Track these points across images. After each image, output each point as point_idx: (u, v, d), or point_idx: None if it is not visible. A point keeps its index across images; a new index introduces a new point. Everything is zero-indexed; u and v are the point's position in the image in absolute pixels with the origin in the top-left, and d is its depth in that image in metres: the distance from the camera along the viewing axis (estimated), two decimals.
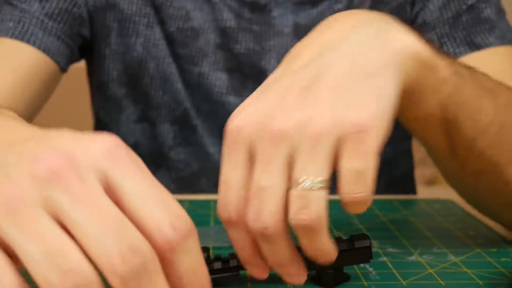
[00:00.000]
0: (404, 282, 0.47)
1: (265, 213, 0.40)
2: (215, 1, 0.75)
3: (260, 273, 0.44)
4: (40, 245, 0.29)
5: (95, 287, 0.29)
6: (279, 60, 0.74)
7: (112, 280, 0.29)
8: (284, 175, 0.40)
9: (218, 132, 0.77)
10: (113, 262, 0.29)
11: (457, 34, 0.74)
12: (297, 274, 0.43)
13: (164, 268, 0.31)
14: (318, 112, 0.40)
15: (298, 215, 0.39)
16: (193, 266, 0.32)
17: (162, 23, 0.75)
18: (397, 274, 0.48)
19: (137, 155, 0.34)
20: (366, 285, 0.46)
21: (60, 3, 0.73)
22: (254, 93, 0.43)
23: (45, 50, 0.71)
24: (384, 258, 0.52)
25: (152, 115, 0.78)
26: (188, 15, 0.75)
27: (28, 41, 0.70)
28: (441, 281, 0.47)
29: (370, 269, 0.49)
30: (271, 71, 0.74)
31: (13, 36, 0.70)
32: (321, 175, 0.39)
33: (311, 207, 0.39)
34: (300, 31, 0.75)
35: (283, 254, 0.42)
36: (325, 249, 0.42)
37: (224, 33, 0.75)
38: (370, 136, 0.40)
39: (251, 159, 0.41)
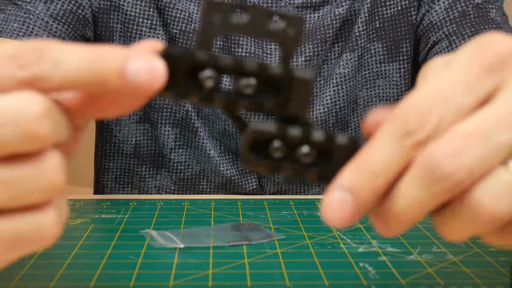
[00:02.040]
0: (403, 282, 0.47)
1: (470, 159, 0.27)
2: None
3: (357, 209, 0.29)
4: None
5: None
6: None
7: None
8: None
9: (219, 135, 0.78)
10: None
11: (466, 31, 0.75)
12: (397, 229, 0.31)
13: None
14: None
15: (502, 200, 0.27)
16: (70, 69, 0.27)
17: (165, 25, 0.76)
18: (396, 274, 0.48)
19: None
20: (365, 284, 0.46)
21: (65, 4, 0.73)
22: None
23: None
24: (384, 258, 0.52)
25: (153, 117, 0.78)
26: (191, 18, 0.75)
27: None
28: (440, 281, 0.47)
29: (370, 269, 0.49)
30: None
31: (18, 37, 0.70)
32: None
33: None
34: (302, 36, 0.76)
35: (420, 204, 0.28)
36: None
37: (226, 36, 0.75)
38: None
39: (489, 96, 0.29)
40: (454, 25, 0.75)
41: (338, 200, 0.28)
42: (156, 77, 0.28)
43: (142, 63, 0.27)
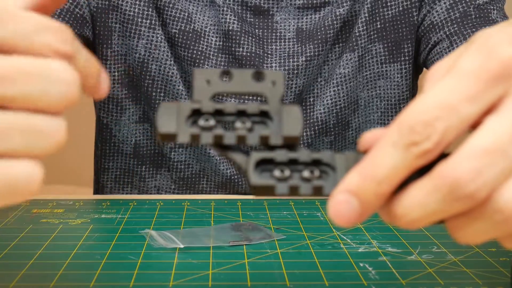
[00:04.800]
0: (403, 282, 0.47)
1: (491, 176, 0.28)
2: (219, 4, 0.75)
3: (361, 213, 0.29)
4: None
5: None
6: (281, 64, 0.75)
7: None
8: None
9: None
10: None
11: (467, 31, 0.75)
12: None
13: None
14: None
15: None
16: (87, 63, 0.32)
17: (164, 24, 0.76)
18: (396, 274, 0.48)
19: None
20: (366, 284, 0.46)
21: None
22: None
23: None
24: (384, 258, 0.52)
25: (153, 116, 0.78)
26: (190, 17, 0.75)
27: None
28: (440, 281, 0.47)
29: (370, 269, 0.49)
30: None
31: None
32: None
33: None
34: (303, 36, 0.76)
35: (437, 215, 0.29)
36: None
37: (227, 36, 0.75)
38: None
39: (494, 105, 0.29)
40: (455, 25, 0.75)
41: (344, 203, 0.29)
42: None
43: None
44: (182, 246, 0.53)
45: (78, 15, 0.75)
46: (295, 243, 0.55)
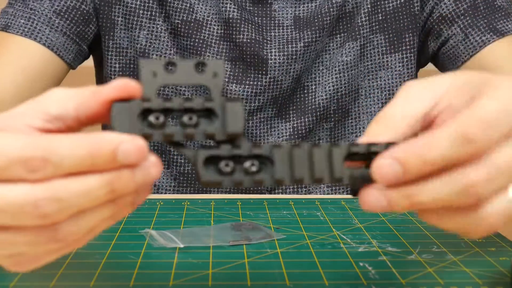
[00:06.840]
0: (403, 281, 0.47)
1: (497, 186, 0.33)
2: None
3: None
4: None
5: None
6: (279, 50, 0.77)
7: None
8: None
9: None
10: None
11: (480, 23, 0.77)
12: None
13: None
14: None
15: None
16: (71, 164, 0.32)
17: (167, 16, 0.78)
18: (396, 273, 0.48)
19: None
20: (365, 284, 0.46)
21: (68, 0, 0.76)
22: None
23: (50, 47, 0.75)
24: (384, 257, 0.52)
25: None
26: (192, 8, 0.78)
27: (35, 39, 0.74)
28: (440, 280, 0.47)
29: (370, 268, 0.49)
30: (272, 60, 0.77)
31: (23, 33, 0.74)
32: None
33: None
34: (300, 24, 0.78)
35: (442, 202, 0.34)
36: None
37: (227, 24, 0.77)
38: None
39: None
40: (468, 18, 0.77)
41: (389, 165, 0.33)
42: (143, 154, 0.32)
43: (129, 146, 0.32)
44: (182, 245, 0.53)
45: (85, 11, 0.78)
46: (295, 243, 0.55)
